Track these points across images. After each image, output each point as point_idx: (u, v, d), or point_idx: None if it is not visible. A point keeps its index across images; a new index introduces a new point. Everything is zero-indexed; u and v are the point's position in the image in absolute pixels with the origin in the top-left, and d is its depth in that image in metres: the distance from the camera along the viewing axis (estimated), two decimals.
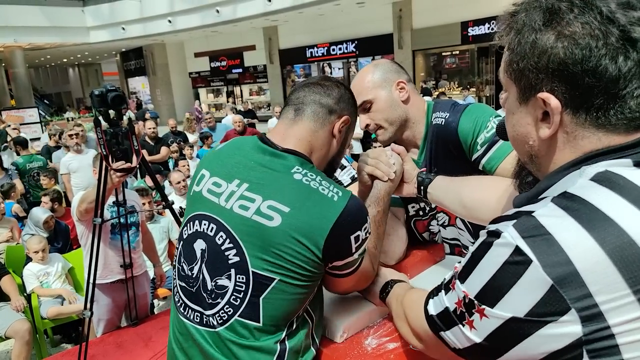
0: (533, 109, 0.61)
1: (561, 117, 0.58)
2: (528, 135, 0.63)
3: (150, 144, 6.22)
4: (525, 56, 0.59)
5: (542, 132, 0.60)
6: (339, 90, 1.04)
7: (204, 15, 14.18)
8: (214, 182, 0.97)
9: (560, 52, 0.55)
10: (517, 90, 0.62)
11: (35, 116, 11.44)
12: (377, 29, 13.70)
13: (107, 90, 2.31)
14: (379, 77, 1.33)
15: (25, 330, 2.97)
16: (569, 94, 0.56)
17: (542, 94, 0.58)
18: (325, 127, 1.02)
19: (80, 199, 2.60)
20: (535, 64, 0.58)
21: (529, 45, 0.58)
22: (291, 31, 15.63)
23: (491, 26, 11.77)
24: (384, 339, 0.99)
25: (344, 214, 0.88)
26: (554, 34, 0.56)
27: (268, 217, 0.88)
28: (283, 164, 0.93)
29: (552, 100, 0.57)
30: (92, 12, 16.43)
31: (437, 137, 1.32)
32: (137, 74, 21.00)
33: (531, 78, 0.59)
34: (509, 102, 0.65)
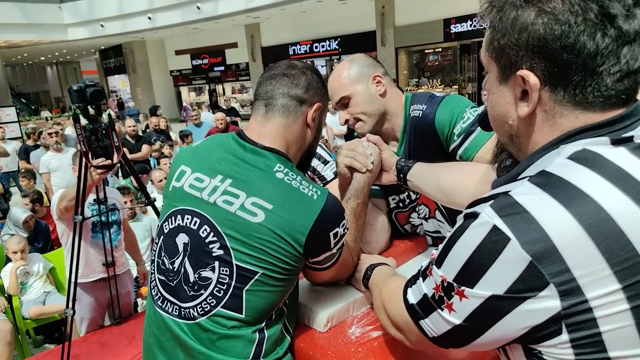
0: (512, 87, 0.61)
1: (540, 94, 0.59)
2: (507, 115, 0.64)
3: (131, 142, 6.15)
4: (506, 33, 0.59)
5: (521, 110, 0.61)
6: (306, 78, 1.04)
7: (185, 12, 14.02)
8: (196, 178, 0.97)
9: (541, 28, 0.56)
10: (497, 69, 0.63)
11: (12, 115, 11.16)
12: (359, 26, 13.74)
13: (85, 85, 2.28)
14: (355, 72, 1.35)
15: (7, 331, 2.93)
16: (548, 70, 0.57)
17: (522, 71, 0.58)
18: (298, 120, 1.03)
19: (60, 197, 2.56)
20: (516, 41, 0.58)
21: (509, 21, 0.58)
22: (273, 28, 15.57)
23: (473, 23, 11.91)
24: (367, 328, 1.01)
25: (323, 211, 0.92)
26: (534, 10, 0.56)
27: (252, 213, 0.90)
28: (265, 162, 0.96)
29: (531, 78, 0.58)
30: (70, 8, 16.11)
31: (415, 129, 1.34)
32: (117, 72, 20.67)
33: (511, 55, 0.59)
34: (489, 82, 0.66)
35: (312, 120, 1.05)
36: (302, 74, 1.04)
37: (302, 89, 1.03)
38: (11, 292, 3.23)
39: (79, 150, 2.38)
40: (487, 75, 0.67)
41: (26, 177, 5.19)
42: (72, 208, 2.42)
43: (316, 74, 1.07)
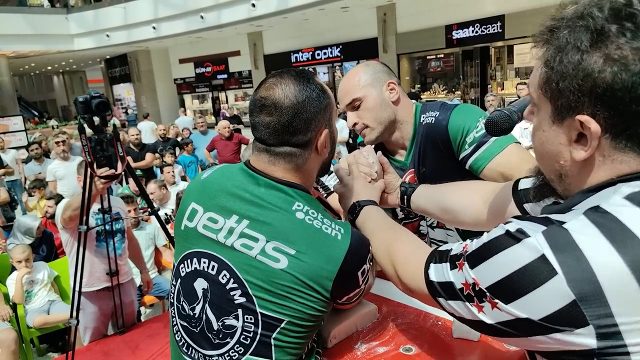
0: (568, 129, 0.58)
1: (599, 141, 0.56)
2: (559, 155, 0.61)
3: (135, 150, 6.18)
4: (567, 76, 0.56)
5: (577, 154, 0.58)
6: (303, 114, 0.90)
7: (189, 21, 14.13)
8: (209, 218, 0.92)
9: (608, 76, 0.53)
10: (552, 109, 0.60)
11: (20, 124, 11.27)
12: (361, 33, 13.78)
13: (91, 96, 2.30)
14: (370, 77, 1.34)
15: (12, 340, 2.93)
16: (612, 119, 0.54)
17: (582, 116, 0.55)
18: (307, 159, 0.95)
19: (65, 206, 2.58)
20: (579, 86, 0.55)
21: (572, 65, 0.55)
22: (276, 36, 15.65)
23: (475, 29, 11.93)
24: (373, 343, 1.00)
25: (349, 253, 0.87)
26: (601, 56, 0.53)
27: (274, 258, 0.85)
28: (282, 199, 0.90)
29: (593, 125, 0.55)
30: (76, 19, 16.28)
31: (426, 136, 1.33)
32: (122, 81, 20.82)
33: (571, 99, 0.56)
34: (539, 118, 0.63)
35: (323, 147, 0.96)
36: (293, 108, 0.90)
37: (301, 131, 0.91)
38: (17, 301, 3.24)
39: (84, 160, 2.39)
40: (531, 106, 0.65)
41: (36, 187, 5.31)
42: (76, 217, 2.43)
43: (309, 90, 0.92)
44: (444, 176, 1.22)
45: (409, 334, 1.03)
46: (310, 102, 0.91)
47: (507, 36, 11.58)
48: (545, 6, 10.61)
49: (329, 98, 0.95)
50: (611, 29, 0.54)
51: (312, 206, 0.92)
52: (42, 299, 3.36)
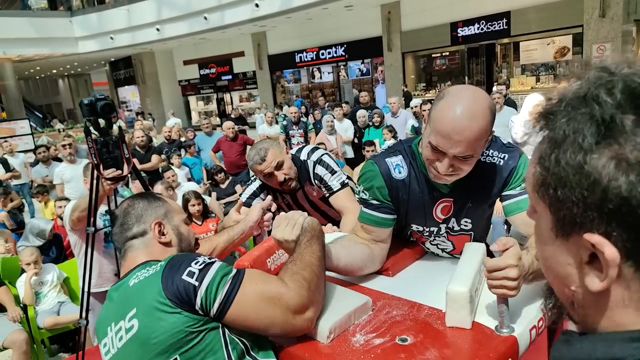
0: (576, 247, 0.43)
1: (620, 269, 0.41)
2: (569, 279, 0.46)
3: (140, 152, 6.24)
4: (568, 183, 0.42)
5: (591, 283, 0.43)
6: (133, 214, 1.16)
7: (192, 23, 14.19)
8: (103, 344, 1.03)
9: (623, 186, 0.38)
10: (553, 219, 0.45)
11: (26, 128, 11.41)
12: (366, 32, 13.78)
13: (96, 99, 2.34)
14: (489, 127, 1.10)
15: (23, 341, 2.99)
16: (633, 243, 0.39)
17: (592, 236, 0.41)
18: (151, 243, 1.14)
19: (72, 208, 2.63)
20: (583, 198, 0.41)
21: (573, 168, 0.41)
22: (280, 36, 15.68)
23: (481, 26, 11.89)
24: (370, 335, 1.02)
25: (166, 268, 0.98)
26: (612, 158, 0.39)
27: (132, 327, 0.95)
28: (128, 279, 1.04)
29: (607, 249, 0.40)
30: (80, 22, 16.40)
31: (487, 175, 1.24)
32: (127, 83, 20.94)
33: (575, 213, 0.42)
34: (539, 226, 0.48)
35: (162, 235, 1.16)
36: (127, 213, 1.17)
37: (130, 228, 1.15)
38: (27, 302, 3.30)
39: (90, 163, 2.44)
40: (530, 206, 0.50)
41: (39, 192, 5.39)
42: (84, 219, 2.47)
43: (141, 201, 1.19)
44: (484, 210, 1.24)
45: (404, 324, 1.06)
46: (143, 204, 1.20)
47: (513, 33, 11.53)
48: (551, 2, 10.56)
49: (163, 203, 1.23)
50: (625, 120, 0.39)
51: (146, 266, 1.05)
52: (52, 300, 3.41)
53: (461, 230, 1.35)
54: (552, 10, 10.60)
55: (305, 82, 16.32)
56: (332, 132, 6.83)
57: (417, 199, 1.29)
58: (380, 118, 6.88)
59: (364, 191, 1.32)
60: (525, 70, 12.29)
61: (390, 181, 1.28)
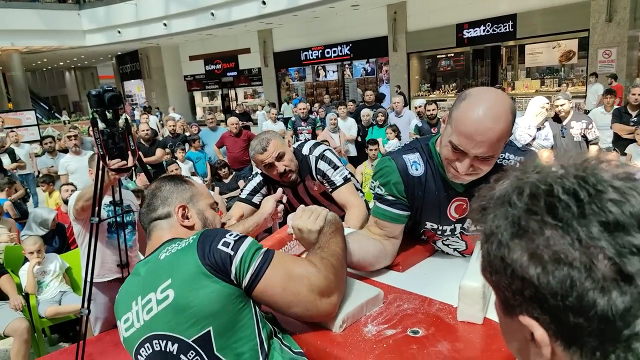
0: (519, 326, 0.48)
1: (553, 349, 0.45)
2: (522, 353, 0.51)
3: (145, 146, 6.25)
4: (497, 271, 0.47)
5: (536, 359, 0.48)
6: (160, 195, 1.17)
7: (199, 19, 14.20)
8: (124, 320, 1.03)
9: (534, 278, 0.44)
10: (498, 300, 0.51)
11: (32, 119, 11.45)
12: (371, 31, 13.76)
13: (104, 90, 2.33)
14: (509, 129, 1.11)
15: (24, 329, 2.99)
16: (555, 327, 0.44)
17: (525, 319, 0.46)
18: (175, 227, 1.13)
19: (77, 197, 2.63)
20: (509, 284, 0.46)
21: (498, 259, 0.47)
22: (286, 34, 15.68)
23: (487, 28, 11.85)
24: (382, 326, 1.02)
25: (200, 240, 0.98)
26: (524, 253, 0.45)
27: (165, 298, 0.95)
28: (156, 255, 1.04)
29: (536, 331, 0.45)
30: (88, 15, 16.43)
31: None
32: (133, 77, 20.98)
33: (508, 297, 0.48)
34: (496, 305, 0.53)
35: (185, 219, 1.15)
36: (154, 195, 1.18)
37: (156, 210, 1.15)
38: (29, 291, 3.31)
39: (96, 154, 2.44)
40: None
41: (45, 182, 5.39)
42: (88, 208, 2.47)
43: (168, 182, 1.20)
44: None
45: (415, 317, 1.05)
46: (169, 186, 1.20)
47: (518, 35, 11.49)
48: (557, 5, 10.52)
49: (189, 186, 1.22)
50: (530, 224, 0.45)
51: (174, 242, 1.05)
52: (54, 290, 3.42)
53: (477, 230, 1.33)
54: (558, 13, 10.57)
55: (310, 80, 16.31)
56: (336, 130, 6.83)
57: (432, 196, 1.28)
58: (384, 117, 6.88)
59: (380, 187, 1.31)
60: (530, 73, 12.26)
61: (407, 178, 1.28)
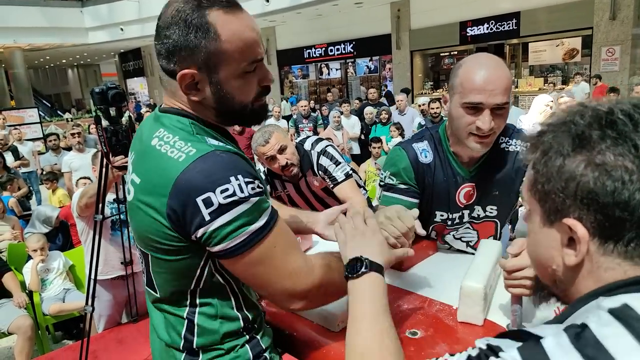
0: (558, 233, 0.58)
1: (588, 246, 0.55)
2: (552, 260, 0.60)
3: None
4: (552, 179, 0.57)
5: (568, 259, 0.57)
6: (173, 36, 0.82)
7: None
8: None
9: (590, 181, 0.53)
10: (541, 212, 0.60)
11: (35, 116, 11.47)
12: (375, 29, 13.73)
13: (107, 87, 2.34)
14: (510, 75, 1.20)
15: (28, 326, 3.01)
16: (598, 224, 0.53)
17: (569, 220, 0.55)
18: (177, 89, 0.86)
19: (81, 194, 2.64)
20: (562, 189, 0.55)
21: (555, 168, 0.56)
22: (289, 32, 15.66)
23: (490, 26, 11.81)
24: None
25: (186, 172, 0.77)
26: (583, 161, 0.54)
27: (128, 192, 0.88)
28: (150, 130, 0.87)
29: (579, 229, 0.54)
30: (91, 12, 16.44)
31: (507, 162, 1.28)
32: (136, 75, 21.01)
33: (557, 202, 0.56)
34: (531, 221, 0.63)
35: (190, 90, 0.85)
36: (168, 29, 0.83)
37: (164, 57, 0.85)
38: (33, 289, 3.33)
39: (99, 151, 2.45)
40: (526, 210, 0.65)
41: (49, 180, 5.42)
42: (92, 205, 2.49)
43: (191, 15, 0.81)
44: (510, 198, 1.24)
45: (414, 318, 1.05)
46: (186, 28, 0.81)
47: (522, 33, 11.44)
48: (561, 3, 10.47)
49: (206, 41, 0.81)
50: (592, 134, 0.54)
51: (172, 132, 0.84)
52: (58, 287, 3.44)
53: (486, 217, 1.37)
54: (562, 11, 10.51)
55: (313, 78, 16.29)
56: (339, 128, 6.83)
57: (441, 183, 1.32)
58: (387, 115, 6.87)
59: (391, 176, 1.35)
60: (534, 71, 12.21)
61: (417, 165, 1.32)
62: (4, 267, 3.29)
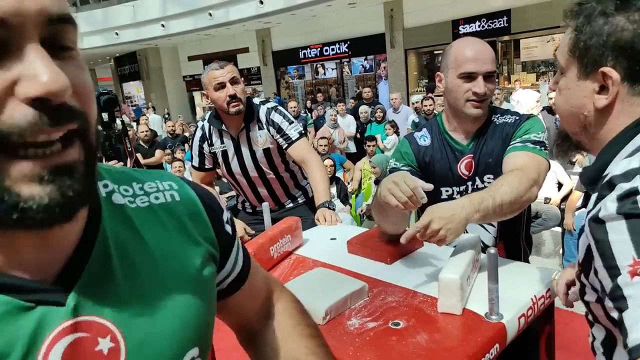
0: (592, 82, 0.73)
1: (618, 88, 0.70)
2: (584, 107, 0.75)
3: (144, 147, 6.28)
4: (594, 35, 0.70)
5: (599, 102, 0.72)
6: None
7: (197, 19, 14.21)
8: None
9: (630, 33, 0.68)
10: (579, 66, 0.74)
11: None
12: (369, 29, 13.76)
13: (99, 93, 2.38)
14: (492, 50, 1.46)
15: None
16: (630, 68, 0.68)
17: (605, 68, 0.70)
18: None
19: None
20: (604, 42, 0.69)
21: (599, 26, 0.70)
22: (284, 33, 15.68)
23: (482, 24, 11.86)
24: (365, 319, 1.05)
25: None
26: (624, 17, 0.69)
27: None
28: None
29: (614, 73, 0.69)
30: (86, 17, 16.43)
31: (503, 134, 1.43)
32: (132, 79, 20.99)
33: (596, 54, 0.71)
34: (566, 80, 0.77)
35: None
36: None
37: None
38: None
39: None
40: (557, 75, 0.80)
41: None
42: None
43: None
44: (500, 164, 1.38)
45: (397, 310, 1.08)
46: None
47: (513, 30, 11.50)
48: (550, 0, 10.52)
49: None
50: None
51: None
52: None
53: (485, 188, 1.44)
54: (551, 8, 10.56)
55: (309, 79, 16.32)
56: (335, 127, 6.87)
57: (441, 159, 1.49)
58: (382, 113, 6.91)
59: (395, 162, 1.53)
60: (526, 67, 12.26)
61: (418, 149, 1.52)
62: None
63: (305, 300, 1.08)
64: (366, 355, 0.92)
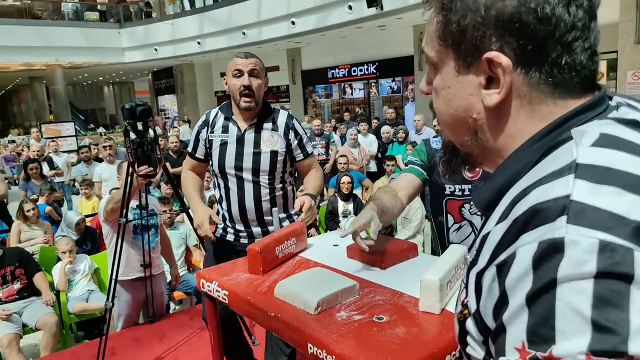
0: (475, 75, 0.54)
1: (511, 78, 0.51)
2: (470, 108, 0.55)
3: (173, 157, 6.57)
4: (469, 11, 0.52)
5: (490, 99, 0.53)
6: None
7: (231, 38, 14.74)
8: None
9: (513, 3, 0.49)
10: (456, 57, 0.55)
11: (71, 130, 12.12)
12: (397, 51, 13.95)
13: (136, 104, 2.60)
14: None
15: (53, 323, 3.24)
16: (521, 48, 0.50)
17: (490, 53, 0.51)
18: None
19: (108, 199, 2.89)
20: (482, 19, 0.51)
21: (472, 1, 0.51)
22: (314, 53, 16.05)
23: None
24: (353, 312, 1.17)
25: None
26: None
27: None
28: None
29: (502, 58, 0.50)
30: (128, 33, 17.28)
31: None
32: (167, 92, 21.80)
33: (475, 37, 0.52)
34: (442, 78, 0.58)
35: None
36: None
37: None
38: (60, 288, 3.57)
39: (124, 161, 2.69)
40: (428, 73, 0.61)
41: (88, 185, 5.86)
42: (117, 210, 2.72)
43: None
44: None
45: (383, 307, 1.19)
46: None
47: None
48: None
49: None
50: None
51: None
52: (83, 288, 3.68)
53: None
54: None
55: (337, 98, 16.59)
56: (355, 145, 6.99)
57: None
58: (404, 134, 7.00)
59: (411, 157, 1.85)
60: None
61: (430, 149, 1.80)
62: (35, 267, 3.55)
63: (302, 292, 1.21)
64: (348, 340, 1.03)
